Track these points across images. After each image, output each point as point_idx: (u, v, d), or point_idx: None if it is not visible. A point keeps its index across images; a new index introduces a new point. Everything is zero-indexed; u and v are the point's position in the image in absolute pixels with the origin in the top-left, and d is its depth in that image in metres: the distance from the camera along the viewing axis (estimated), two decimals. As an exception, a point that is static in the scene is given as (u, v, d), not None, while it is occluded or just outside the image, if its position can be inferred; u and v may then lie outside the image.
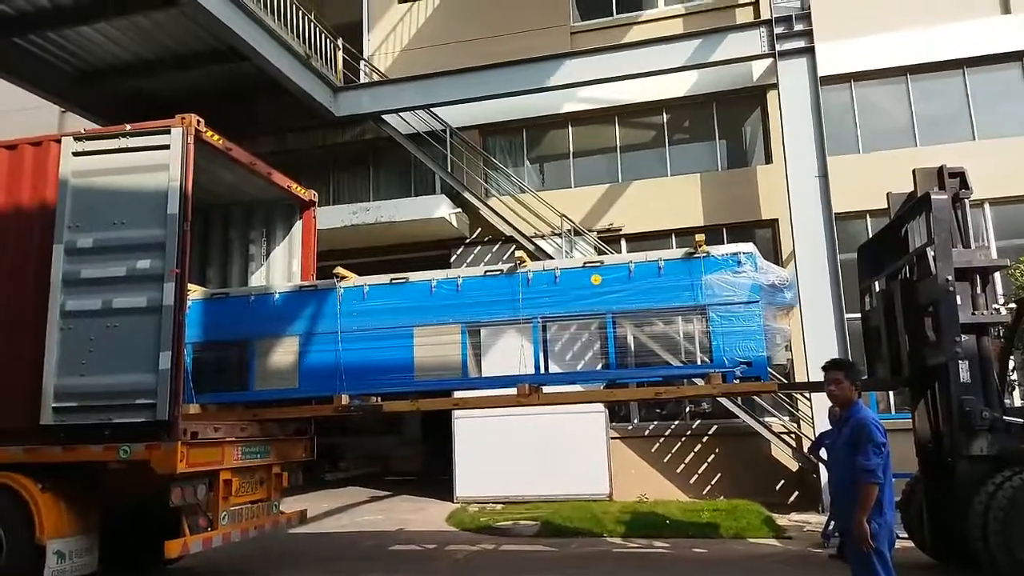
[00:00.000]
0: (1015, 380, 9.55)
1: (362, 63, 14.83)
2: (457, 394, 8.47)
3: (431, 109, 13.93)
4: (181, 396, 6.52)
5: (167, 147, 6.77)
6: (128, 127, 6.98)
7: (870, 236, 10.13)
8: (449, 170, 14.14)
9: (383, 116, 13.72)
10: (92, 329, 6.60)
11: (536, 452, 12.32)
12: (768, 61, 12.47)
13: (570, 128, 14.62)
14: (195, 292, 8.07)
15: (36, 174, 7.05)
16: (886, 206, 8.13)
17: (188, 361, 7.36)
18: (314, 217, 9.15)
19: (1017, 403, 10.06)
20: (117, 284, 6.64)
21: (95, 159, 6.94)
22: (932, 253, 6.72)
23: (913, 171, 7.47)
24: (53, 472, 6.58)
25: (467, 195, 13.81)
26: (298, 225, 9.11)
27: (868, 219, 12.43)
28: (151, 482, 6.42)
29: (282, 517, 7.97)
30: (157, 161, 6.78)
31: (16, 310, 6.85)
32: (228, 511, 6.99)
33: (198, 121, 6.87)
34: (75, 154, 6.95)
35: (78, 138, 7.05)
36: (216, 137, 7.25)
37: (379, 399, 7.95)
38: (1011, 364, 8.01)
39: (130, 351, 6.49)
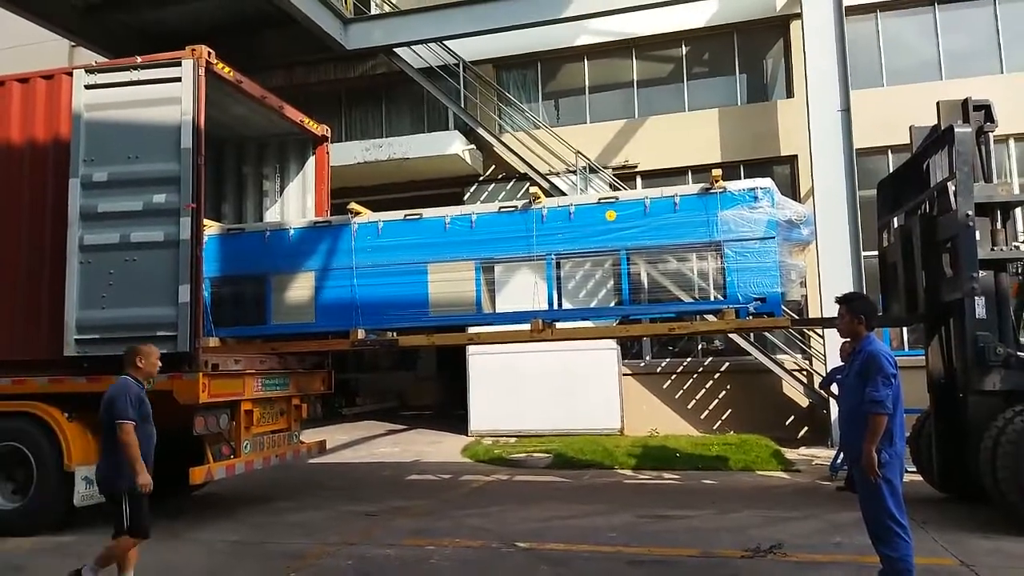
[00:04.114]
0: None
1: (373, -6, 14.51)
2: (471, 330, 8.54)
3: (444, 42, 13.65)
4: (201, 329, 6.65)
5: (178, 79, 6.73)
6: (139, 59, 6.92)
7: (891, 171, 9.95)
8: (463, 105, 13.94)
9: (394, 49, 13.46)
10: (111, 263, 6.69)
11: (549, 387, 12.50)
12: (791, -10, 12.08)
13: (585, 62, 14.32)
14: (211, 227, 8.11)
15: (49, 107, 7.06)
16: (908, 141, 7.96)
17: (206, 295, 7.47)
18: (327, 152, 9.11)
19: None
20: (134, 218, 6.70)
21: (107, 92, 6.91)
22: (953, 187, 6.60)
23: (937, 103, 7.29)
24: (79, 402, 6.76)
25: (481, 131, 13.65)
26: (311, 160, 9.08)
27: (889, 155, 12.21)
28: (175, 412, 6.56)
29: (302, 447, 8.20)
30: (169, 94, 6.75)
31: (36, 244, 6.94)
32: (250, 440, 7.20)
33: (209, 53, 6.80)
34: (87, 87, 6.92)
35: (90, 71, 7.01)
36: (227, 69, 7.18)
37: (394, 334, 8.05)
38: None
39: (149, 284, 6.59)
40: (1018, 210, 8.27)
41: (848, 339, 4.91)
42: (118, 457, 4.69)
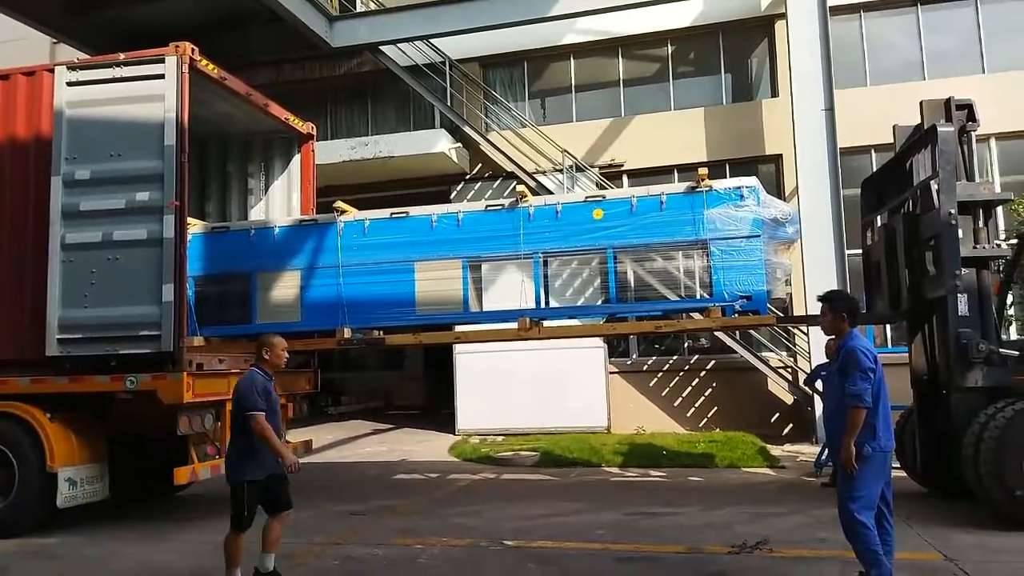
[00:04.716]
0: (1012, 315, 9.61)
1: (358, -9, 14.44)
2: (458, 328, 8.52)
3: (430, 40, 13.61)
4: (185, 328, 6.60)
5: (162, 76, 6.68)
6: (122, 56, 6.85)
7: (874, 170, 10.03)
8: (449, 104, 13.91)
9: (380, 47, 13.41)
10: (93, 262, 6.62)
11: (536, 386, 12.50)
12: (776, -10, 12.15)
13: (572, 61, 14.33)
14: (195, 226, 8.05)
15: (30, 104, 6.98)
16: (891, 140, 8.03)
17: (190, 294, 7.41)
18: (313, 150, 9.07)
19: (1014, 337, 10.15)
20: (117, 216, 6.63)
21: (89, 89, 6.84)
22: (936, 186, 6.66)
23: (920, 103, 7.35)
24: (62, 402, 6.70)
25: (467, 129, 13.63)
26: (296, 158, 9.04)
27: (873, 154, 12.30)
28: (159, 412, 6.54)
29: (288, 446, 8.12)
30: (152, 91, 6.69)
31: (18, 243, 6.86)
32: (235, 440, 7.12)
33: (193, 49, 6.74)
34: (69, 84, 6.85)
35: (71, 68, 6.94)
36: (211, 66, 7.12)
37: (381, 333, 8.02)
38: (1009, 299, 8.05)
39: (132, 283, 6.53)
40: (999, 208, 8.35)
41: (832, 336, 4.94)
42: (242, 447, 4.79)
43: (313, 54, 13.96)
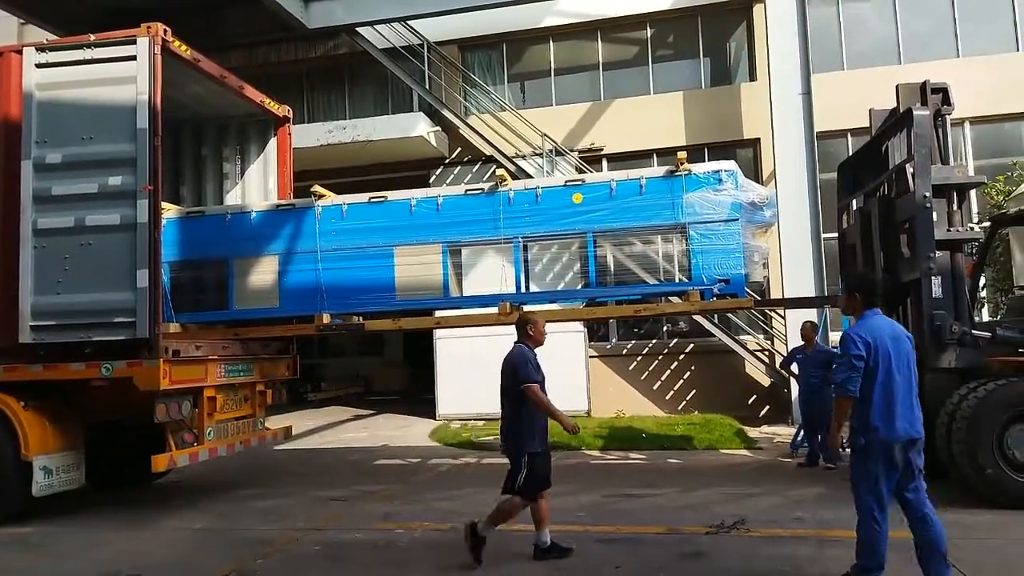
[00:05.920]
0: (984, 297, 9.76)
1: (334, -28, 14.20)
2: (438, 313, 8.51)
3: (407, 22, 13.46)
4: (161, 314, 6.51)
5: (133, 58, 6.53)
6: (92, 37, 6.69)
7: (851, 154, 10.11)
8: (427, 87, 13.79)
9: (357, 29, 13.24)
10: (66, 247, 6.50)
11: (517, 370, 12.48)
12: (755, -27, 12.15)
13: (551, 43, 14.25)
14: (169, 210, 7.93)
15: (-2, 87, 6.79)
16: (867, 124, 8.09)
17: (166, 280, 7.31)
18: (289, 134, 8.95)
19: (986, 319, 10.33)
20: (89, 201, 6.50)
21: (60, 71, 6.69)
22: (911, 169, 6.72)
23: (896, 87, 7.40)
24: (36, 390, 6.61)
25: (446, 113, 13.52)
26: (273, 142, 8.92)
27: (849, 137, 12.41)
28: (135, 399, 6.46)
29: (267, 433, 8.10)
30: (124, 73, 6.55)
31: (-13, 229, 6.71)
32: (213, 427, 7.08)
33: (165, 31, 6.61)
34: (38, 66, 6.68)
35: (40, 49, 6.77)
36: (184, 48, 6.98)
37: (360, 318, 7.98)
38: (982, 281, 8.17)
39: (106, 269, 6.42)
40: (973, 192, 8.47)
41: (851, 316, 4.57)
42: (520, 421, 4.95)
43: (288, 35, 13.75)
